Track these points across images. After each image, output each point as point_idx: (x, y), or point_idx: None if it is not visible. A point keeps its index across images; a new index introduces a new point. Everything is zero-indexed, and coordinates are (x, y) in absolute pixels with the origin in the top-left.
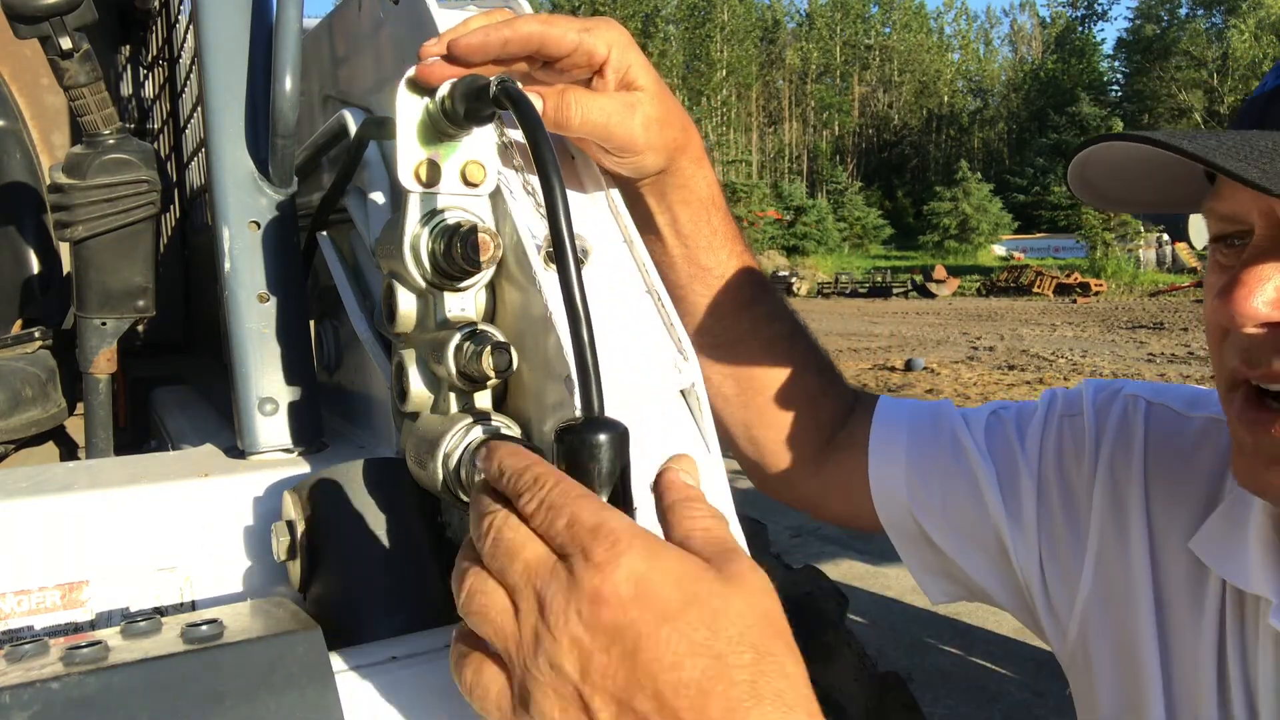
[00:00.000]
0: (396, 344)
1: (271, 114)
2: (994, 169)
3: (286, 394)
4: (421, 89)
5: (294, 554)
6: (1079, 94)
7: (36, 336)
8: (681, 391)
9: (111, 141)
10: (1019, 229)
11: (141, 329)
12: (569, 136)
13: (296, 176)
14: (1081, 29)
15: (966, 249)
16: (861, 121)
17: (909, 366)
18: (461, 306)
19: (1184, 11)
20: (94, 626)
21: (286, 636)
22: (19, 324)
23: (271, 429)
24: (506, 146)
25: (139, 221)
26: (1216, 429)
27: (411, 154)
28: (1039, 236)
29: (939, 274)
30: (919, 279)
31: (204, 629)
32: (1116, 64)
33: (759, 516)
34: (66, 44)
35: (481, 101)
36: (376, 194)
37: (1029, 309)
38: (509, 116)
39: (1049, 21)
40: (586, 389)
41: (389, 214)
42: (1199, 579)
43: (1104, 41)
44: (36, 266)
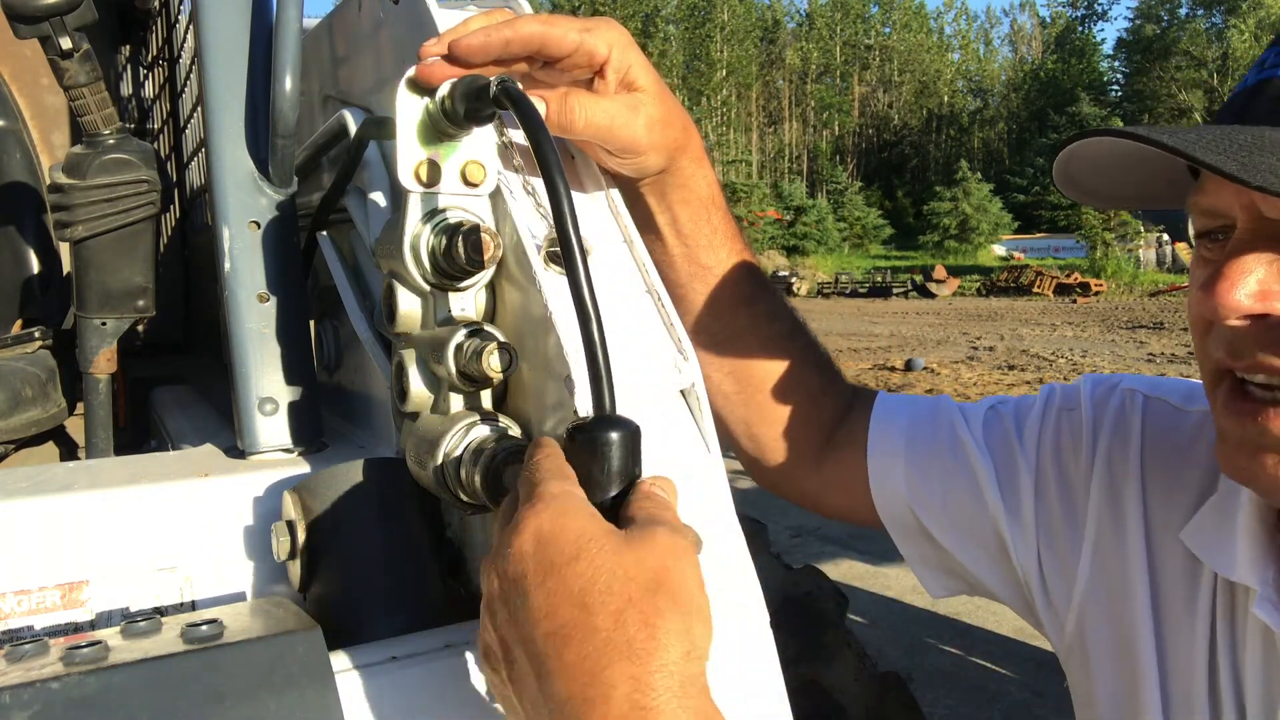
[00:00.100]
0: (396, 344)
1: (271, 114)
2: (994, 169)
3: (286, 394)
4: (421, 89)
5: (294, 554)
6: (1079, 94)
7: (36, 336)
8: (681, 391)
9: (111, 141)
10: (1019, 229)
11: (141, 329)
12: (572, 138)
13: (296, 176)
14: (1081, 29)
15: (966, 249)
16: (861, 121)
17: (909, 366)
18: (462, 306)
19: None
20: (94, 626)
21: (286, 636)
22: (19, 324)
23: (271, 429)
24: (506, 146)
25: (139, 221)
26: (1212, 423)
27: (411, 154)
28: (1039, 236)
29: (939, 274)
30: (919, 279)
31: (204, 629)
32: (1116, 64)
33: (759, 516)
34: (66, 44)
35: (481, 101)
36: (376, 194)
37: (1029, 309)
38: (509, 117)
39: (1049, 21)
40: (598, 387)
41: (389, 214)
42: (1193, 571)
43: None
44: (36, 266)
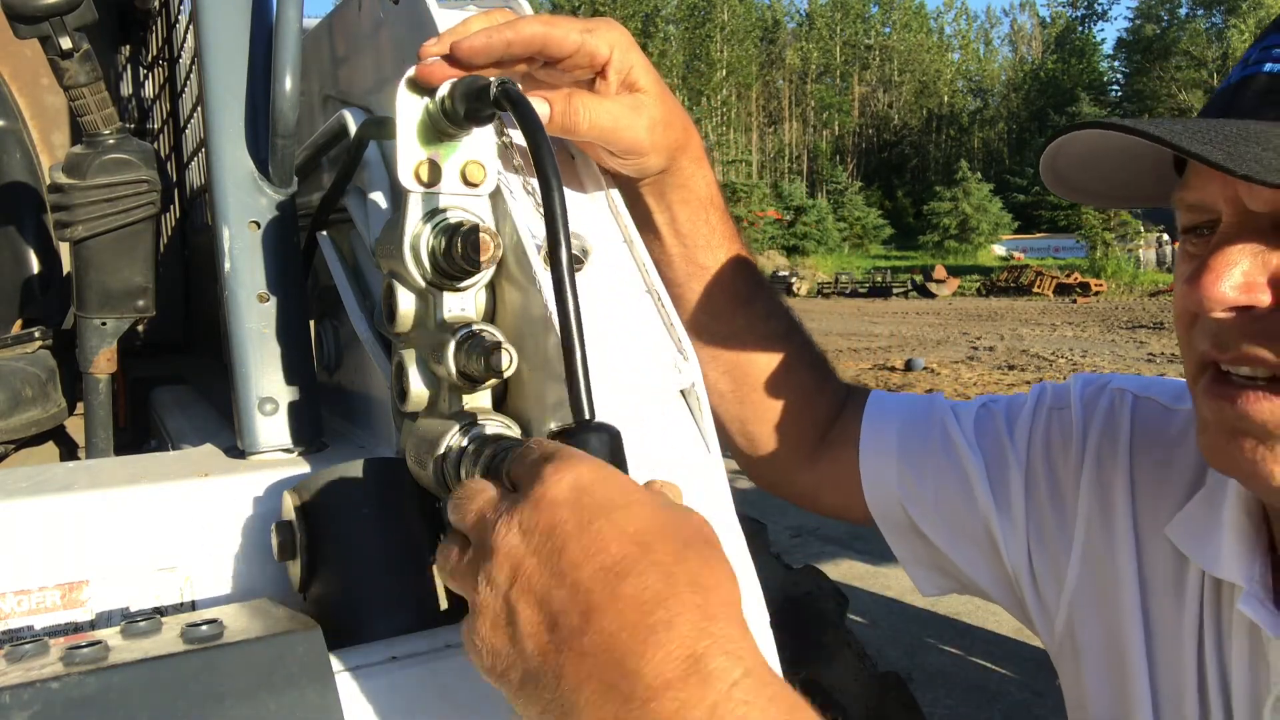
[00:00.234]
0: (396, 344)
1: (271, 114)
2: (994, 169)
3: (286, 394)
4: (421, 89)
5: (294, 554)
6: (1079, 94)
7: (36, 336)
8: (681, 391)
9: (111, 141)
10: (1019, 229)
11: (141, 329)
12: (575, 140)
13: (296, 176)
14: (1081, 29)
15: (966, 249)
16: (861, 121)
17: (909, 366)
18: (461, 306)
19: (1184, 11)
20: (94, 626)
21: (286, 636)
22: (19, 324)
23: (271, 429)
24: (507, 147)
25: (139, 221)
26: None
27: (411, 154)
28: (1039, 236)
29: (939, 274)
30: (919, 279)
31: (204, 629)
32: (1116, 64)
33: (759, 516)
34: (66, 44)
35: (481, 102)
36: (376, 194)
37: (1029, 309)
38: (509, 117)
39: (1049, 21)
40: (575, 394)
41: (389, 214)
42: (1181, 568)
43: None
44: (36, 266)
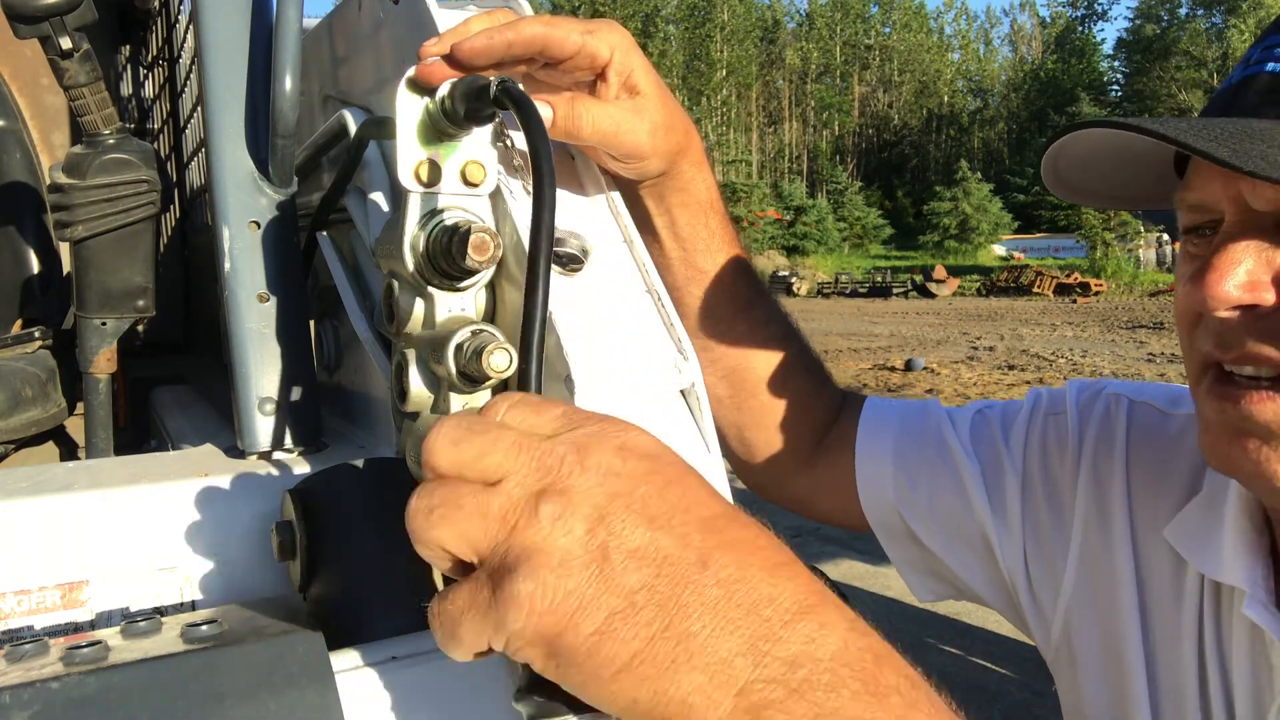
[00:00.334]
0: (396, 344)
1: (271, 114)
2: (994, 169)
3: (286, 394)
4: (421, 89)
5: (294, 554)
6: (1079, 94)
7: (36, 336)
8: (681, 392)
9: (111, 141)
10: (1019, 229)
11: (141, 329)
12: (577, 144)
13: (296, 176)
14: (1081, 29)
15: (966, 249)
16: (861, 121)
17: (909, 366)
18: (461, 306)
19: (1184, 11)
20: (94, 626)
21: (286, 636)
22: (19, 324)
23: (271, 429)
24: (507, 147)
25: (139, 221)
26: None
27: (411, 154)
28: (1039, 236)
29: (939, 274)
30: (919, 279)
31: (204, 629)
32: (1116, 64)
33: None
34: (66, 44)
35: (482, 102)
36: (376, 194)
37: (1029, 309)
38: (510, 117)
39: (1049, 21)
40: (526, 382)
41: (389, 214)
42: (1179, 572)
43: (1104, 41)
44: (36, 266)
